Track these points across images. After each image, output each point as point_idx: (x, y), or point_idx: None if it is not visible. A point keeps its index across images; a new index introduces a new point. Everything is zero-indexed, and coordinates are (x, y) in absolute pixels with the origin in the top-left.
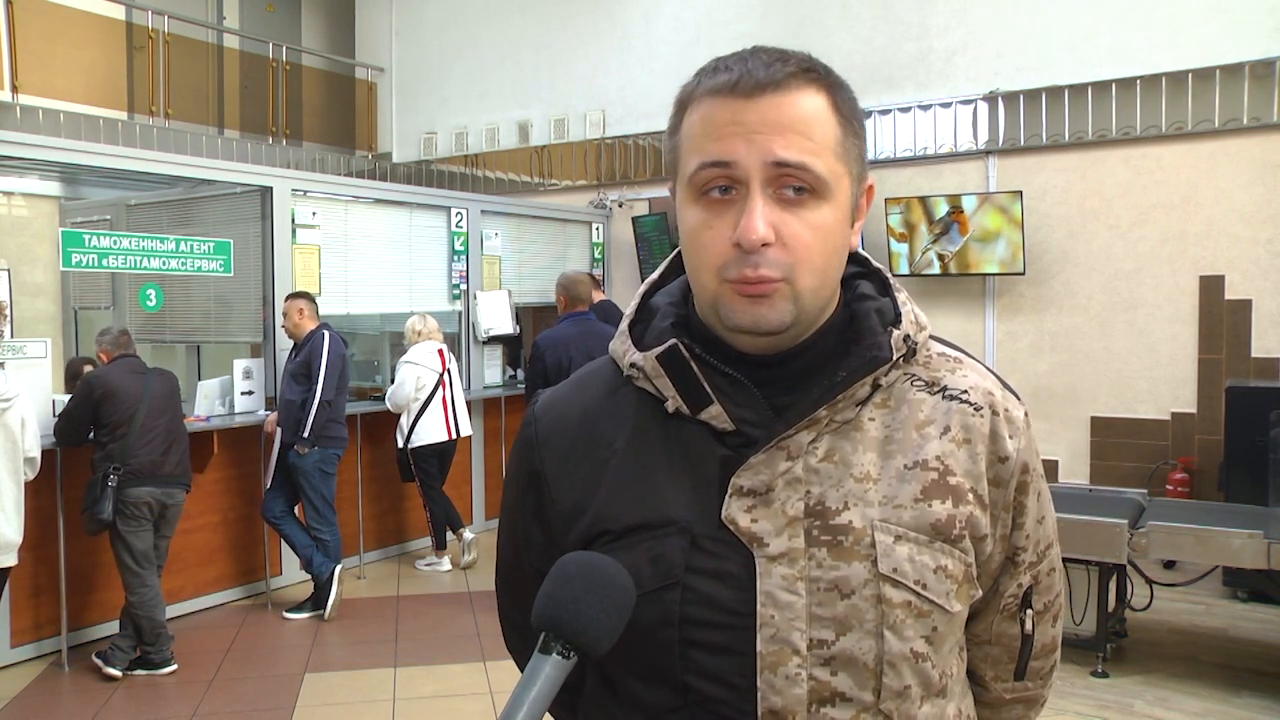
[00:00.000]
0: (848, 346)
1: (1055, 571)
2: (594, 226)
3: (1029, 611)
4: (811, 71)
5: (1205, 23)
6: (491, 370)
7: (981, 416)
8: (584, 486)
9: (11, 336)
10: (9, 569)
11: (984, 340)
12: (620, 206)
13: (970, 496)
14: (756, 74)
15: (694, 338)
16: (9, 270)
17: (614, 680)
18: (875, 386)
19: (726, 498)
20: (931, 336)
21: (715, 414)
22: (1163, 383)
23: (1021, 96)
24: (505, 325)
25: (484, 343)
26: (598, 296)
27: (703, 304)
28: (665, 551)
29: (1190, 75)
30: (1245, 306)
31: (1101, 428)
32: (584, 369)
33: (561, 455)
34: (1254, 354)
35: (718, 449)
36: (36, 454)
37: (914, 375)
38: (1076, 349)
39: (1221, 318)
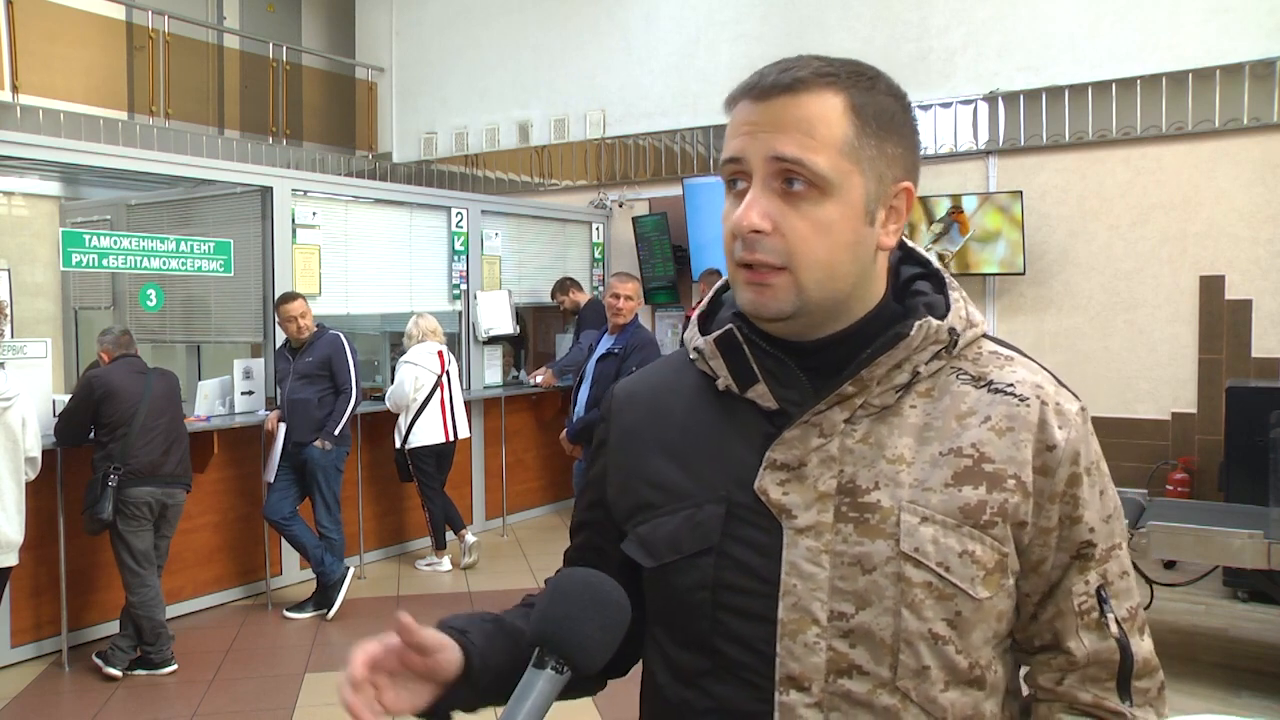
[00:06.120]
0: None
1: (1128, 576)
2: (594, 226)
3: (1111, 616)
4: (828, 75)
5: (1205, 23)
6: (492, 370)
7: (1028, 406)
8: (639, 455)
9: (11, 336)
10: (9, 569)
11: None
12: (620, 206)
13: (1010, 483)
14: (769, 78)
15: (751, 326)
16: (9, 270)
17: (660, 643)
18: (915, 374)
19: (760, 470)
20: (987, 336)
21: (761, 393)
22: (1163, 383)
23: (1021, 96)
24: (505, 325)
25: (484, 343)
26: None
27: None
28: (704, 519)
29: (1190, 75)
30: (1245, 306)
31: (1101, 428)
32: (661, 358)
33: (626, 427)
34: (1254, 354)
35: (764, 426)
36: (37, 454)
37: (960, 369)
38: (1076, 349)
39: (1221, 318)
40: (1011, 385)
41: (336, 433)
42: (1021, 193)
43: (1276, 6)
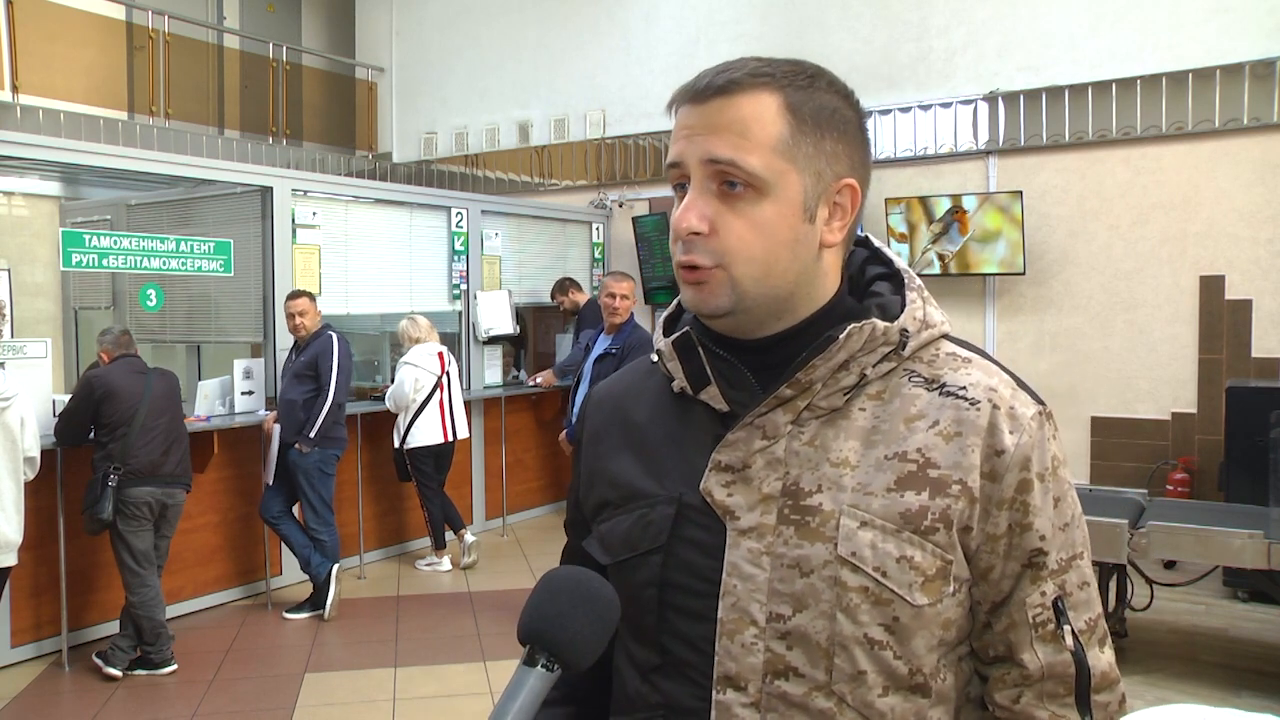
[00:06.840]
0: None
1: (1089, 586)
2: (594, 226)
3: (1066, 628)
4: (763, 76)
5: (1205, 23)
6: (492, 370)
7: (978, 410)
8: (604, 455)
9: (11, 336)
10: (9, 569)
11: (984, 340)
12: (620, 206)
13: (955, 489)
14: (704, 81)
15: (706, 328)
16: (9, 270)
17: (624, 637)
18: (863, 376)
19: (706, 471)
20: (949, 337)
21: (713, 394)
22: (1163, 383)
23: (1021, 96)
24: (505, 325)
25: (484, 343)
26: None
27: None
28: (655, 518)
29: (1190, 75)
30: (1245, 306)
31: (1101, 428)
32: (635, 361)
33: (595, 428)
34: (1254, 354)
35: (715, 428)
36: (36, 453)
37: (913, 372)
38: (1076, 349)
39: (1221, 318)
40: (963, 388)
41: (312, 434)
42: (1021, 193)
43: (1276, 6)
